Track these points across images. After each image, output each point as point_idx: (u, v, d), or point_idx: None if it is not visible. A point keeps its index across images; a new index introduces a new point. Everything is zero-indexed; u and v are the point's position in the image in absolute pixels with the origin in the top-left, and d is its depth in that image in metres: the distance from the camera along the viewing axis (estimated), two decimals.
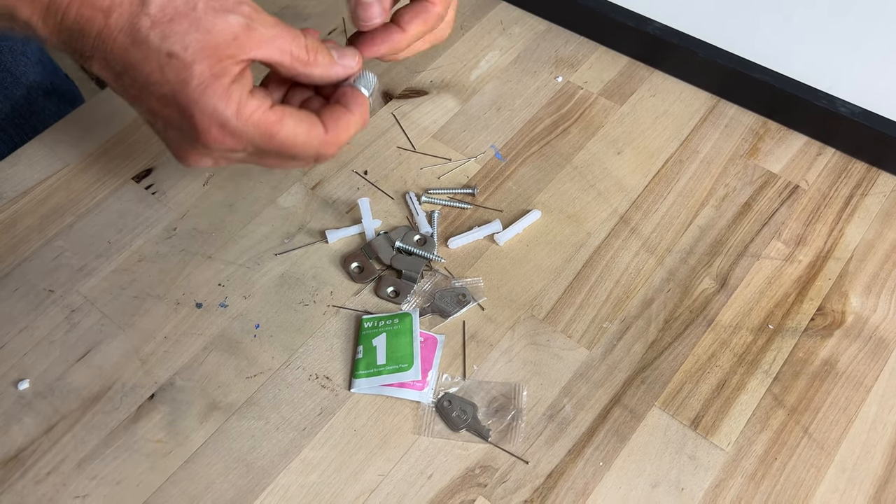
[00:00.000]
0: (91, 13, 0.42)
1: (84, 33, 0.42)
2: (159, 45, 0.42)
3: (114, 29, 0.42)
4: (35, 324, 0.55)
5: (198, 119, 0.43)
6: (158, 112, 0.44)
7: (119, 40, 0.42)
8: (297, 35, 0.45)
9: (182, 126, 0.44)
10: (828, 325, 0.55)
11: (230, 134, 0.43)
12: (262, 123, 0.44)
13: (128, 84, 0.43)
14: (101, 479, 0.49)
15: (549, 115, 0.67)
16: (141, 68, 0.42)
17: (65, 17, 0.42)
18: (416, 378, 0.52)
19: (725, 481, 0.49)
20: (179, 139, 0.45)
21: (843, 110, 0.62)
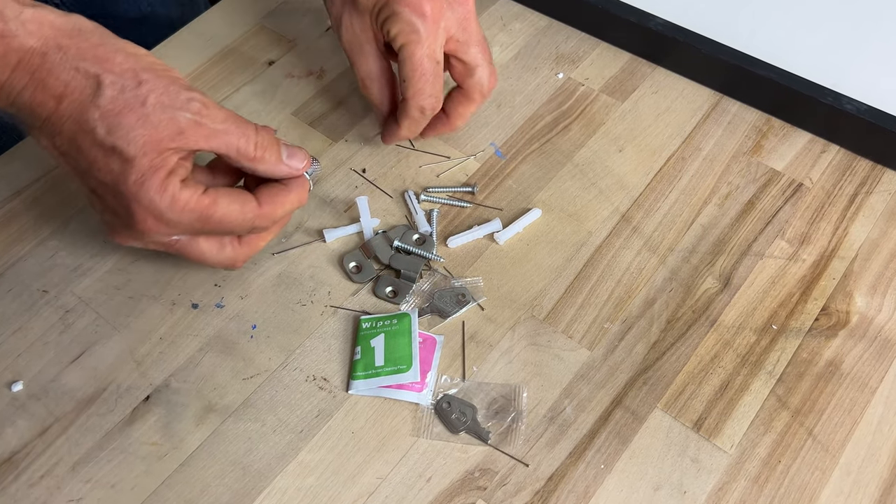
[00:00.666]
0: (43, 98, 0.44)
1: (35, 114, 0.45)
2: (104, 138, 0.44)
3: (63, 115, 0.45)
4: (29, 325, 0.55)
5: (135, 210, 0.46)
6: (99, 194, 0.47)
7: (67, 126, 0.45)
8: (248, 132, 0.48)
9: (119, 213, 0.47)
10: (832, 326, 0.55)
11: (165, 223, 0.47)
12: (196, 209, 0.47)
13: (72, 163, 0.47)
14: (96, 482, 0.49)
15: (550, 113, 0.66)
16: (85, 154, 0.45)
17: (18, 97, 0.45)
18: (414, 379, 0.51)
19: (728, 484, 0.49)
20: (114, 222, 0.48)
21: (849, 107, 0.61)
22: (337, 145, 0.64)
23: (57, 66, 0.44)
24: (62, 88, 0.44)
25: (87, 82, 0.44)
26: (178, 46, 0.70)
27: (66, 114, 0.45)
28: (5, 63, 0.44)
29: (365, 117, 0.65)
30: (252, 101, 0.67)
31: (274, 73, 0.69)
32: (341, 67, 0.69)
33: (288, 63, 0.69)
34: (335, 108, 0.66)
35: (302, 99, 0.67)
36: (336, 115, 0.66)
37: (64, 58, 0.44)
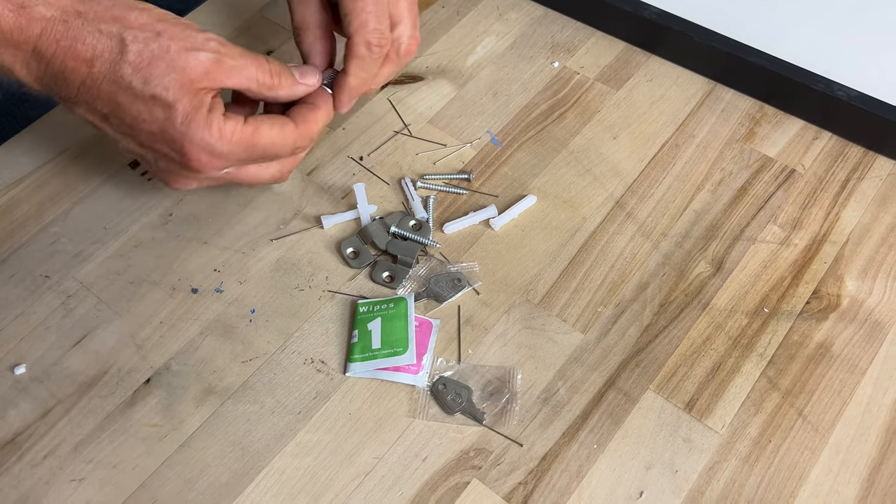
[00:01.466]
0: (74, 64, 0.46)
1: (68, 82, 0.46)
2: (142, 89, 0.46)
3: (97, 77, 0.46)
4: (31, 309, 0.55)
5: (188, 149, 0.48)
6: (149, 146, 0.49)
7: (104, 87, 0.46)
8: (262, 62, 0.50)
9: (172, 157, 0.49)
10: (823, 309, 0.55)
11: (217, 157, 0.48)
12: (242, 139, 0.49)
13: (115, 124, 0.48)
14: (98, 462, 0.50)
15: (546, 101, 0.67)
16: (128, 110, 0.47)
17: (49, 67, 0.46)
18: (410, 362, 0.52)
19: (719, 463, 0.49)
20: (169, 167, 0.50)
21: (840, 94, 0.62)
22: (335, 133, 0.65)
23: (81, 31, 0.46)
24: (90, 52, 0.45)
25: (111, 42, 0.46)
26: None
27: (99, 75, 0.46)
28: (29, 33, 0.45)
29: (363, 105, 0.66)
30: None
31: None
32: (339, 57, 0.69)
33: (286, 52, 0.70)
34: None
35: None
36: None
37: (85, 23, 0.45)
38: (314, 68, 0.54)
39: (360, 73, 0.55)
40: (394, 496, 0.48)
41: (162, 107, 0.46)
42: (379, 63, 0.55)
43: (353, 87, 0.55)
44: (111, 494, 0.48)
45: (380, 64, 0.55)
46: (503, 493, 0.48)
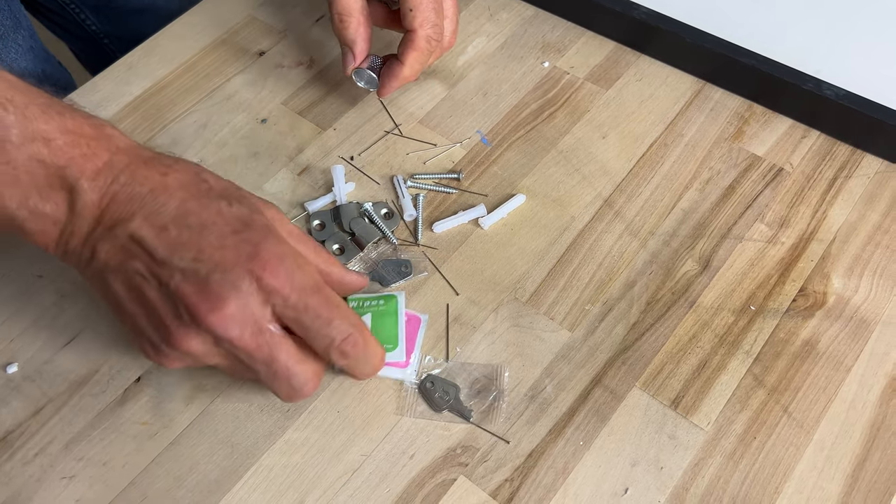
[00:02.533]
0: (147, 172, 0.45)
1: (135, 189, 0.44)
2: (218, 199, 0.45)
3: (171, 184, 0.45)
4: (24, 309, 0.56)
5: (262, 248, 0.43)
6: (210, 255, 0.43)
7: (176, 194, 0.44)
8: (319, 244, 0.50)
9: (237, 263, 0.43)
10: (809, 307, 0.56)
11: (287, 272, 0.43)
12: (314, 274, 0.45)
13: (173, 234, 0.43)
14: (88, 460, 0.50)
15: (536, 100, 0.67)
16: (199, 214, 0.44)
17: (118, 177, 0.44)
18: (400, 359, 0.53)
19: (705, 460, 0.50)
20: (222, 282, 0.43)
21: (829, 93, 0.62)
22: (326, 133, 0.65)
23: (154, 155, 0.46)
24: (165, 167, 0.45)
25: (187, 165, 0.46)
26: (171, 37, 0.71)
27: (174, 182, 0.45)
28: (107, 145, 0.45)
29: (354, 105, 0.67)
30: (243, 91, 0.68)
31: (264, 63, 0.70)
32: (330, 58, 0.70)
33: (278, 53, 0.70)
34: (324, 97, 0.67)
35: (292, 88, 0.68)
36: (325, 104, 0.67)
37: (156, 151, 0.47)
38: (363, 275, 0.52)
39: (415, 64, 0.60)
40: (381, 493, 0.49)
41: (238, 213, 0.45)
42: (431, 55, 0.60)
43: (406, 76, 0.61)
44: (101, 492, 0.49)
45: (432, 57, 0.60)
46: (489, 490, 0.49)
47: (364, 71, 0.63)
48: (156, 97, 0.67)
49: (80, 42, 1.00)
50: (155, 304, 0.44)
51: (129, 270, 0.44)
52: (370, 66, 0.63)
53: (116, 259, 0.44)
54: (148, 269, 0.44)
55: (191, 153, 0.64)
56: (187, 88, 0.68)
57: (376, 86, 0.64)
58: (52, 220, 0.45)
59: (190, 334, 0.43)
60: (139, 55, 0.70)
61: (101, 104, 0.67)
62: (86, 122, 0.45)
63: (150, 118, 0.66)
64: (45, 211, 0.44)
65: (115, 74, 0.69)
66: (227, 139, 0.65)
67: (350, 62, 0.62)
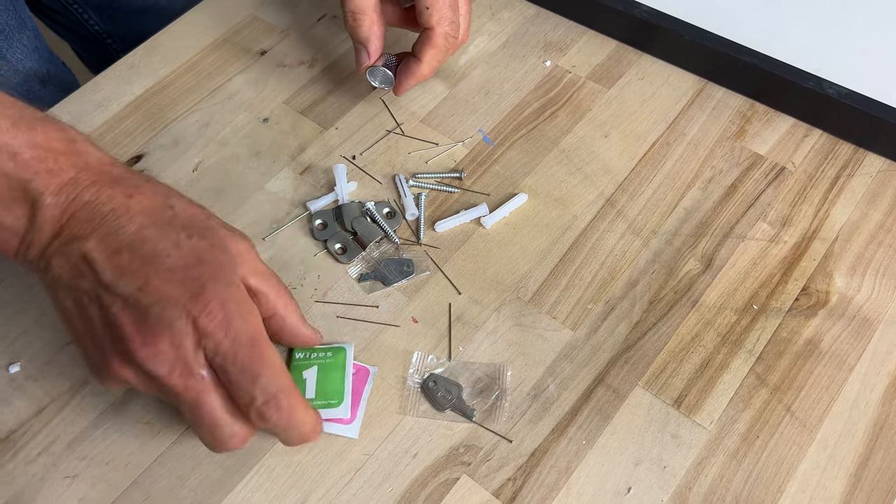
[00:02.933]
0: (112, 192, 0.44)
1: (95, 210, 0.44)
2: (179, 230, 0.44)
3: (133, 209, 0.44)
4: (26, 308, 0.56)
5: (207, 289, 0.42)
6: (155, 287, 0.42)
7: (137, 219, 0.44)
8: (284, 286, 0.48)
9: (179, 300, 0.42)
10: (812, 305, 0.56)
11: (226, 317, 0.42)
12: (254, 325, 0.43)
13: (124, 260, 0.43)
14: (91, 459, 0.50)
15: (537, 99, 0.67)
16: (153, 243, 0.43)
17: (80, 195, 0.44)
18: (344, 416, 0.51)
19: (707, 459, 0.50)
20: (160, 318, 0.42)
21: (831, 91, 0.62)
22: (327, 133, 0.65)
23: (125, 173, 0.46)
24: (133, 188, 0.45)
25: (156, 188, 0.46)
26: (172, 36, 0.71)
27: (136, 206, 0.44)
28: (75, 161, 0.45)
29: (356, 104, 0.67)
30: (245, 90, 0.68)
31: (266, 62, 0.70)
32: (332, 57, 0.70)
33: (280, 52, 0.70)
34: (326, 96, 0.67)
35: (293, 88, 0.68)
36: (326, 103, 0.67)
37: (131, 172, 0.46)
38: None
39: (433, 61, 0.60)
40: (384, 492, 0.49)
41: (195, 247, 0.44)
42: (448, 52, 0.60)
43: (423, 74, 0.61)
44: (104, 491, 0.49)
45: (450, 53, 0.60)
46: (492, 489, 0.49)
47: (379, 69, 0.62)
48: (157, 96, 0.67)
49: (82, 42, 1.00)
50: (96, 327, 0.44)
51: (77, 289, 0.44)
52: (385, 63, 0.62)
53: (67, 276, 0.44)
54: (94, 290, 0.43)
55: (193, 152, 0.64)
56: (189, 88, 0.68)
57: (392, 84, 0.63)
58: (13, 230, 0.45)
59: (123, 364, 0.43)
60: (141, 54, 0.70)
61: (103, 103, 0.67)
62: (56, 137, 0.45)
63: (151, 117, 0.66)
64: (6, 222, 0.44)
65: (116, 74, 0.69)
66: (229, 138, 0.65)
67: (364, 60, 0.62)
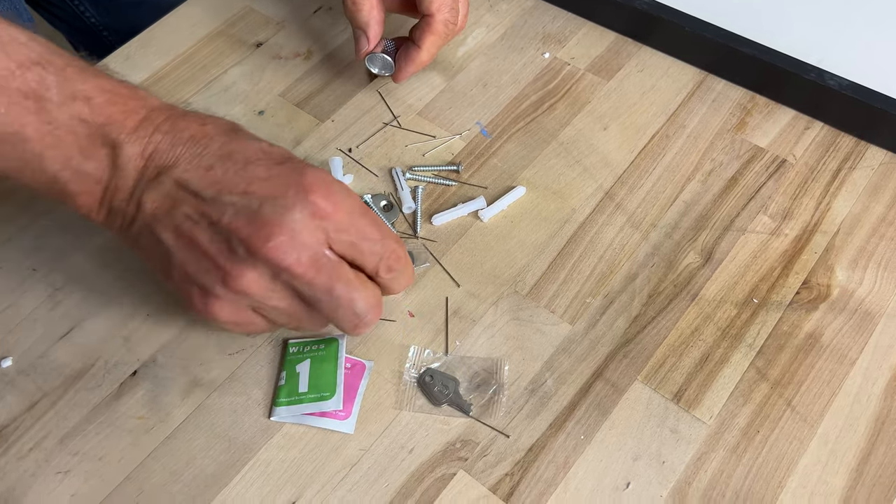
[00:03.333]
0: (186, 123, 0.45)
1: (176, 138, 0.45)
2: (259, 140, 0.46)
3: (210, 132, 0.45)
4: (19, 302, 0.55)
5: (308, 174, 0.43)
6: (258, 187, 0.43)
7: (216, 139, 0.45)
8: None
9: (286, 192, 0.43)
10: (813, 299, 0.55)
11: (335, 195, 0.44)
12: (357, 198, 0.46)
13: (219, 174, 0.44)
14: (84, 454, 0.49)
15: (536, 92, 0.66)
16: (241, 152, 0.44)
17: (158, 128, 0.45)
18: (337, 407, 0.50)
19: (707, 454, 0.49)
20: (273, 213, 0.42)
21: (832, 83, 0.62)
22: (323, 125, 0.64)
23: (190, 111, 0.47)
24: (204, 118, 0.46)
25: (223, 120, 0.47)
26: (167, 29, 0.71)
27: (212, 131, 0.45)
28: (144, 103, 0.46)
29: (352, 97, 0.66)
30: (240, 83, 0.67)
31: (262, 54, 0.69)
32: (328, 49, 0.69)
33: (276, 45, 0.70)
34: (322, 88, 0.67)
35: (289, 80, 0.67)
36: (322, 95, 0.66)
37: (192, 111, 0.47)
38: None
39: (433, 48, 0.60)
40: (380, 488, 0.48)
41: (280, 151, 0.46)
42: (447, 38, 0.60)
43: (423, 61, 0.61)
44: (97, 486, 0.48)
45: (448, 39, 0.61)
46: (489, 485, 0.48)
47: (378, 55, 0.62)
48: (153, 88, 0.66)
49: (78, 34, 0.99)
50: (206, 246, 0.43)
51: (177, 217, 0.44)
52: (384, 50, 0.62)
53: (164, 207, 0.44)
54: (197, 210, 0.43)
55: None
56: (184, 80, 0.67)
57: (391, 70, 0.63)
58: (95, 178, 0.45)
59: (246, 270, 0.43)
60: (136, 46, 0.70)
61: None
62: (120, 84, 0.46)
63: None
64: (88, 170, 0.44)
65: (111, 66, 0.68)
66: None
67: (364, 46, 0.61)
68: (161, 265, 0.46)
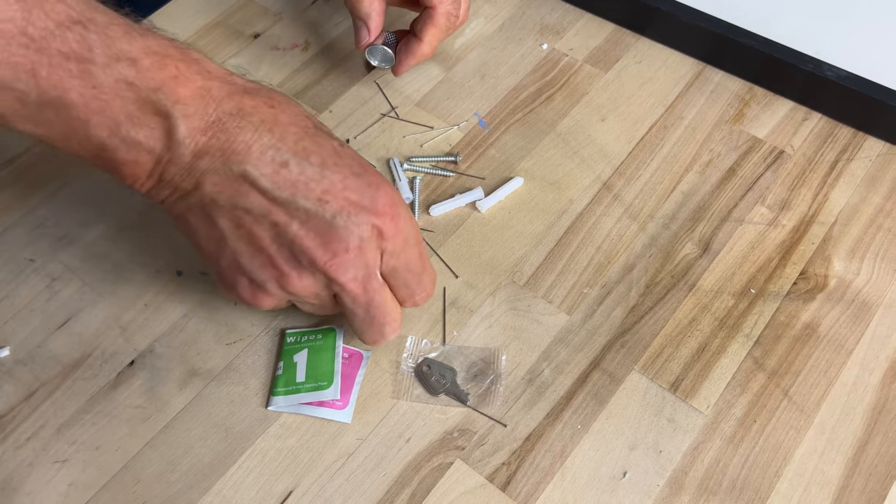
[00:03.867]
0: (254, 103, 0.43)
1: (245, 119, 0.42)
2: (329, 137, 0.45)
3: (282, 121, 0.43)
4: (16, 292, 0.55)
5: (381, 194, 0.44)
6: (334, 197, 0.43)
7: (290, 129, 0.43)
8: None
9: (361, 209, 0.43)
10: (810, 289, 0.55)
11: (400, 220, 0.44)
12: (416, 224, 0.47)
13: (294, 173, 0.42)
14: (81, 444, 0.49)
15: (534, 83, 0.66)
16: (317, 153, 0.43)
17: (221, 105, 0.42)
18: (334, 397, 0.50)
19: (704, 444, 0.49)
20: (346, 228, 0.43)
21: (830, 74, 0.62)
22: (321, 116, 0.64)
23: (250, 84, 0.44)
24: (269, 99, 0.44)
25: (285, 97, 0.45)
26: (164, 20, 0.70)
27: (284, 119, 0.43)
28: (197, 68, 0.42)
29: (350, 88, 0.66)
30: None
31: (259, 45, 0.69)
32: (325, 40, 0.69)
33: (273, 36, 0.70)
34: (319, 80, 0.67)
35: (287, 71, 0.67)
36: (320, 86, 0.66)
37: (248, 79, 0.45)
38: None
39: (434, 41, 0.60)
40: (377, 477, 0.48)
41: (352, 153, 0.45)
42: (449, 31, 0.60)
43: (424, 54, 0.61)
44: (94, 476, 0.48)
45: (450, 33, 0.61)
46: (486, 474, 0.48)
47: (378, 48, 0.62)
48: None
49: None
50: (267, 245, 0.43)
51: (239, 208, 0.42)
52: (385, 42, 0.62)
53: (226, 194, 0.42)
54: (263, 207, 0.42)
55: None
56: None
57: (392, 63, 0.63)
58: (146, 148, 0.41)
59: (304, 276, 0.44)
60: None
61: None
62: (170, 44, 0.42)
63: None
64: (139, 138, 0.41)
65: None
66: None
67: (364, 37, 0.61)
68: (209, 246, 0.45)
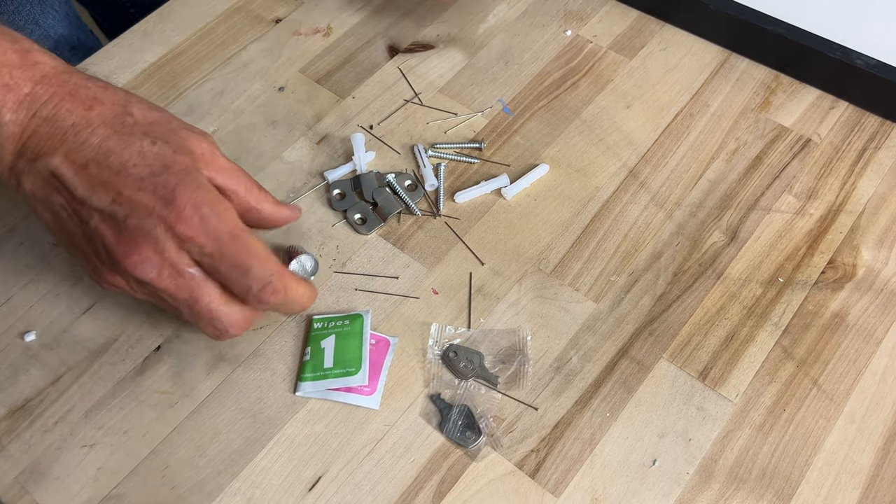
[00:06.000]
0: (71, 106, 0.44)
1: (56, 125, 0.44)
2: (142, 137, 0.44)
3: (93, 121, 0.44)
4: (41, 277, 0.55)
5: (179, 197, 0.43)
6: (127, 197, 0.43)
7: (98, 131, 0.44)
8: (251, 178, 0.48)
9: (153, 209, 0.43)
10: (838, 279, 0.55)
11: (202, 220, 0.43)
12: (231, 221, 0.44)
13: (93, 174, 0.43)
14: (109, 428, 0.49)
15: (558, 69, 0.66)
16: (118, 154, 0.43)
17: (40, 110, 0.44)
18: (363, 382, 0.50)
19: (733, 432, 0.49)
20: (138, 227, 0.43)
21: (858, 62, 0.61)
22: (344, 102, 0.64)
23: (83, 81, 0.45)
24: (91, 99, 0.45)
25: (115, 96, 0.45)
26: (186, 4, 0.70)
27: (96, 119, 0.44)
28: (31, 74, 0.44)
29: (372, 74, 0.65)
30: (259, 59, 0.67)
31: (281, 30, 0.68)
32: (348, 25, 0.69)
33: (295, 20, 0.69)
34: (342, 65, 0.66)
35: (309, 56, 0.67)
36: (343, 72, 0.66)
37: (86, 78, 0.46)
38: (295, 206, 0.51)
39: None
40: (405, 463, 0.48)
41: (159, 152, 0.44)
42: None
43: None
44: (122, 460, 0.48)
45: None
46: (515, 461, 0.48)
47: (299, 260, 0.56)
48: (171, 64, 0.66)
49: (102, 9, 0.98)
50: (80, 240, 0.45)
51: (53, 204, 0.45)
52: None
53: (41, 192, 0.45)
54: (69, 205, 0.44)
55: (208, 120, 0.63)
56: (203, 56, 0.67)
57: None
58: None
59: (113, 273, 0.45)
60: (154, 21, 0.69)
61: (115, 71, 0.65)
62: (10, 49, 0.44)
63: (165, 85, 0.65)
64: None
65: (129, 41, 0.68)
66: (245, 107, 0.64)
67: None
68: (48, 231, 0.47)
